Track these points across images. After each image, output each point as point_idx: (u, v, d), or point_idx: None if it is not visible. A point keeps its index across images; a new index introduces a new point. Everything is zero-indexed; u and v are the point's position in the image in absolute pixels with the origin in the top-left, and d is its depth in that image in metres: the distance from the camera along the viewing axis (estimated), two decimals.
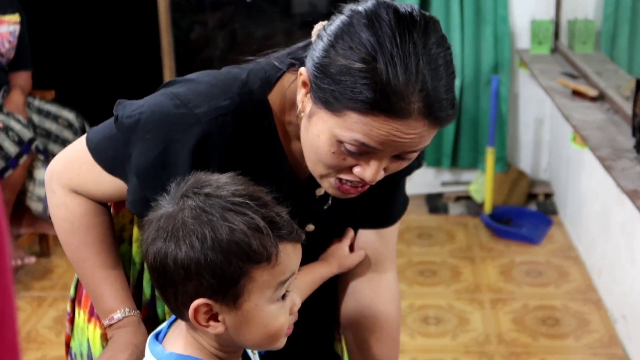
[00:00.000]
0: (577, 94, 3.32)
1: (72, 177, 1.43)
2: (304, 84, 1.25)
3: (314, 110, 1.23)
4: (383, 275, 1.57)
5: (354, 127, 1.17)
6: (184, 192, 1.13)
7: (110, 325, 1.47)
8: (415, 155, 1.24)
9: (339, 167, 1.24)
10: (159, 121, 1.29)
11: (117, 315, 1.46)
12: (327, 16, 1.27)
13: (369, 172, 1.23)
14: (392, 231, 1.55)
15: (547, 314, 3.33)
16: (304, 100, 1.26)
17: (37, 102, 3.74)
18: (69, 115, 3.75)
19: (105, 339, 1.51)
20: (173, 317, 1.22)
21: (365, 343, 1.56)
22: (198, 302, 1.10)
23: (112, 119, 1.38)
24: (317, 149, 1.24)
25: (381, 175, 1.25)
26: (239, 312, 1.11)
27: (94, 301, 1.50)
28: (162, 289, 1.15)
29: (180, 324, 1.20)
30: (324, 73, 1.19)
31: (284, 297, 1.14)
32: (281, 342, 1.18)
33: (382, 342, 1.56)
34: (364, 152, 1.21)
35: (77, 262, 1.48)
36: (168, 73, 4.66)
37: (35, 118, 3.69)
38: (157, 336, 1.22)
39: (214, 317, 1.12)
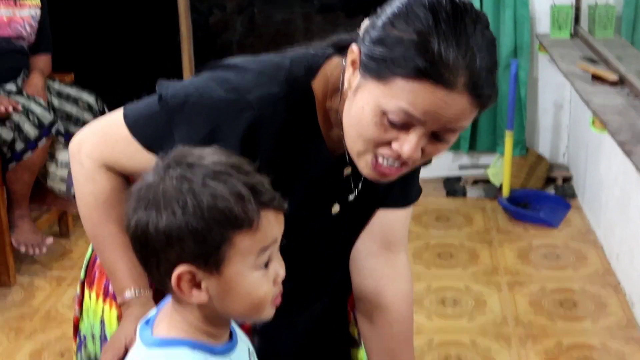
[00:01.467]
0: (597, 78, 3.30)
1: (105, 150, 1.42)
2: (353, 62, 1.26)
3: (361, 83, 1.24)
4: (398, 255, 1.57)
5: (399, 94, 1.19)
6: (166, 164, 1.14)
7: (122, 304, 1.49)
8: (454, 137, 1.25)
9: (379, 140, 1.25)
10: (209, 105, 1.30)
11: (128, 294, 1.48)
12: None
13: (407, 146, 1.23)
14: (405, 213, 1.57)
15: (565, 296, 3.33)
16: (350, 79, 1.27)
17: (57, 85, 3.76)
18: (89, 98, 3.77)
19: (121, 319, 1.52)
20: (162, 302, 1.22)
21: (382, 324, 1.56)
22: (181, 269, 1.11)
23: (152, 98, 1.38)
24: (359, 121, 1.25)
25: (418, 154, 1.25)
26: (221, 280, 1.11)
27: (110, 277, 1.51)
28: (145, 259, 1.15)
29: (167, 308, 1.20)
30: (378, 43, 1.21)
31: (267, 266, 1.14)
32: (267, 313, 1.17)
33: (399, 322, 1.56)
34: (405, 124, 1.22)
35: (96, 237, 1.49)
36: (187, 57, 4.67)
37: (55, 101, 3.70)
38: (147, 322, 1.22)
39: (197, 286, 1.12)
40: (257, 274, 1.13)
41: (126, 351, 1.35)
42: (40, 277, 3.64)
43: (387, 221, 1.55)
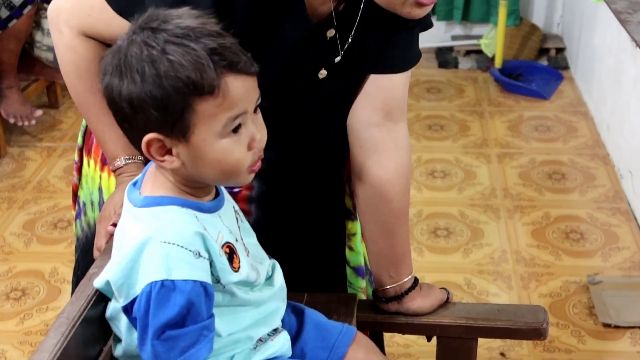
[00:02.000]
0: None
1: (81, 17, 1.39)
2: None
3: None
4: (398, 124, 1.54)
5: None
6: (133, 29, 1.11)
7: (114, 171, 1.50)
8: None
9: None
10: None
11: (118, 162, 1.49)
12: None
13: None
14: (404, 79, 1.53)
15: (554, 168, 3.35)
16: None
17: None
18: None
19: None
20: (149, 164, 1.22)
21: (380, 198, 1.55)
22: (148, 136, 1.10)
23: None
24: None
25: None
26: (190, 147, 1.11)
27: (100, 145, 1.51)
28: (119, 123, 1.14)
29: (152, 169, 1.20)
30: None
31: (236, 131, 1.12)
32: (243, 178, 1.16)
33: (398, 196, 1.55)
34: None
35: (82, 106, 1.48)
36: None
37: None
38: (135, 184, 1.22)
39: (169, 152, 1.12)
40: (225, 141, 1.11)
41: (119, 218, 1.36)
42: (30, 148, 3.63)
43: (387, 87, 1.51)
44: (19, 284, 2.73)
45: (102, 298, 1.24)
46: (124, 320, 1.20)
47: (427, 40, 4.45)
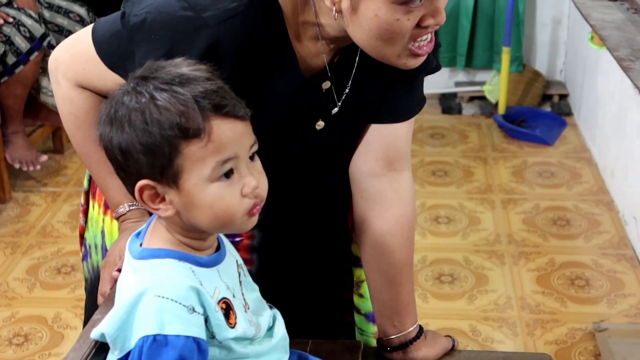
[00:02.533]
0: None
1: (77, 70, 1.41)
2: None
3: (355, 0, 1.23)
4: (401, 174, 1.53)
5: None
6: (130, 78, 1.13)
7: (117, 218, 1.51)
8: None
9: (411, 30, 1.24)
10: (165, 23, 1.27)
11: (121, 209, 1.50)
12: None
13: (440, 15, 1.24)
14: (407, 128, 1.52)
15: (558, 214, 3.35)
16: (334, 2, 1.25)
17: None
18: (80, 10, 3.71)
19: None
20: (153, 215, 1.22)
21: (383, 249, 1.53)
22: (140, 183, 1.11)
23: (119, 14, 1.35)
24: (382, 29, 1.23)
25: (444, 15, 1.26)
26: (181, 193, 1.11)
27: (103, 193, 1.52)
28: (116, 171, 1.15)
29: (154, 220, 1.20)
30: None
31: (228, 176, 1.11)
32: (241, 224, 1.15)
33: (401, 247, 1.53)
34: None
35: (83, 155, 1.50)
36: None
37: (46, 13, 3.65)
38: (138, 235, 1.22)
39: (162, 200, 1.13)
40: (216, 186, 1.11)
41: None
42: (35, 193, 3.64)
43: (389, 137, 1.50)
44: (21, 329, 2.72)
45: (105, 345, 1.23)
46: None
47: (431, 86, 4.47)
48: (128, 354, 1.12)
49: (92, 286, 1.67)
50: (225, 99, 1.11)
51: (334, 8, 1.26)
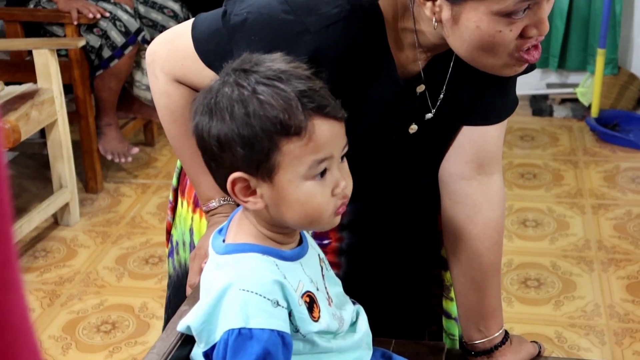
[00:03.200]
0: None
1: (175, 65, 1.41)
2: None
3: (457, 11, 1.20)
4: (491, 177, 1.50)
5: None
6: (227, 70, 1.14)
7: (207, 212, 1.52)
8: None
9: (512, 39, 1.22)
10: (267, 25, 1.27)
11: (213, 203, 1.50)
12: None
13: (544, 25, 1.22)
14: (499, 131, 1.49)
15: None
16: (435, 11, 1.23)
17: None
18: (174, 5, 3.77)
19: None
20: (235, 211, 1.23)
21: (470, 253, 1.51)
22: (234, 175, 1.11)
23: (220, 12, 1.35)
24: (483, 40, 1.21)
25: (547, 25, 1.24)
26: (274, 188, 1.11)
27: (194, 187, 1.54)
28: (207, 163, 1.16)
29: (237, 215, 1.21)
30: None
31: (323, 176, 1.12)
32: (328, 223, 1.16)
33: (488, 251, 1.51)
34: (528, 7, 1.19)
35: (178, 149, 1.51)
36: None
37: (141, 8, 3.72)
38: (220, 231, 1.23)
39: (253, 193, 1.13)
40: (310, 184, 1.11)
41: None
42: (125, 184, 3.72)
43: (480, 139, 1.48)
44: (109, 317, 2.78)
45: (191, 337, 1.25)
46: None
47: (522, 87, 4.39)
48: (213, 347, 1.13)
49: (177, 282, 1.69)
50: (327, 99, 1.11)
51: (434, 17, 1.24)
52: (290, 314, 1.14)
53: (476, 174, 1.49)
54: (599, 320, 2.67)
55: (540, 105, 4.35)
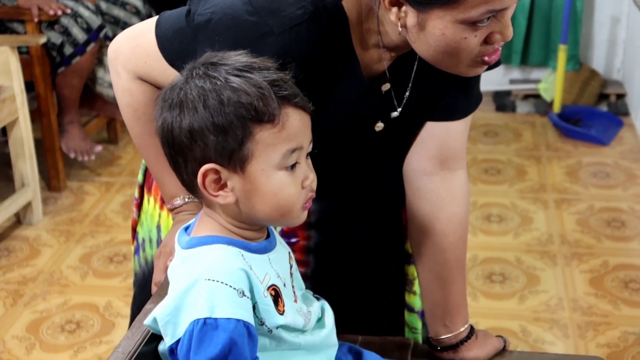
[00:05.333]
0: None
1: (138, 63, 1.40)
2: (391, 2, 1.22)
3: (422, 18, 1.20)
4: (455, 173, 1.52)
5: (475, 2, 1.16)
6: (191, 66, 1.14)
7: (172, 210, 1.51)
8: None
9: (477, 45, 1.22)
10: (230, 26, 1.26)
11: (178, 201, 1.50)
12: None
13: (508, 30, 1.23)
14: (462, 127, 1.50)
15: (613, 216, 3.29)
16: (400, 17, 1.23)
17: None
18: (136, 2, 3.75)
19: None
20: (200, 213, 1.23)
21: (435, 249, 1.53)
22: (206, 166, 1.11)
23: (184, 10, 1.34)
24: (449, 46, 1.21)
25: (511, 31, 1.24)
26: (246, 179, 1.12)
27: (158, 185, 1.53)
28: (174, 160, 1.15)
29: (201, 213, 1.21)
30: None
31: (293, 168, 1.13)
32: (296, 217, 1.17)
33: (453, 247, 1.52)
34: (493, 15, 1.19)
35: (141, 147, 1.50)
36: None
37: (103, 5, 3.69)
38: (186, 229, 1.23)
39: (223, 186, 1.13)
40: (282, 174, 1.12)
41: None
42: (89, 182, 3.69)
43: (444, 135, 1.49)
44: (73, 316, 2.76)
45: (156, 335, 1.24)
46: None
47: (485, 83, 4.41)
48: (179, 341, 1.12)
49: (143, 280, 1.67)
50: (296, 90, 1.13)
51: (399, 23, 1.24)
52: (255, 307, 1.13)
53: (439, 169, 1.50)
54: (562, 314, 2.70)
55: (503, 101, 4.39)
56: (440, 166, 1.50)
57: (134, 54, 1.40)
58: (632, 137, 3.98)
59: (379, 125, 1.43)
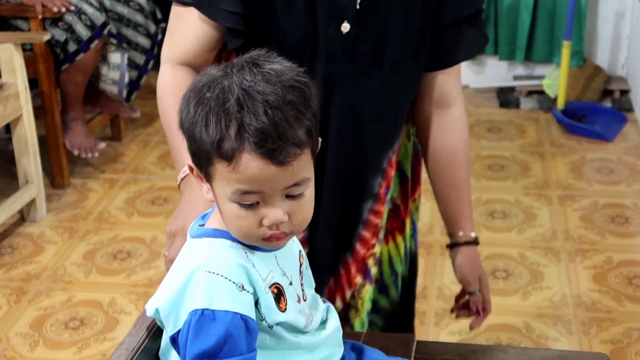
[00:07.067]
0: None
1: (172, 44, 1.49)
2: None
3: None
4: (448, 110, 1.63)
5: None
6: (238, 60, 1.14)
7: (182, 180, 1.47)
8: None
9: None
10: None
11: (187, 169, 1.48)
12: None
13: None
14: (455, 70, 1.61)
15: (617, 212, 3.29)
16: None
17: None
18: None
19: None
20: None
21: (431, 172, 1.71)
22: (190, 162, 1.16)
23: None
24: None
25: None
26: (214, 191, 1.14)
27: (174, 162, 1.52)
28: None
29: None
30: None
31: (251, 206, 1.10)
32: (261, 244, 1.15)
33: (454, 173, 1.70)
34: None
35: (166, 124, 1.50)
36: None
37: (107, 2, 3.69)
38: (204, 217, 1.24)
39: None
40: (234, 207, 1.11)
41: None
42: (92, 179, 3.69)
43: (436, 84, 1.60)
44: (77, 313, 2.76)
45: (161, 331, 1.24)
46: (173, 355, 1.20)
47: (489, 79, 4.44)
48: (180, 331, 1.13)
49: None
50: (272, 139, 1.06)
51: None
52: (257, 302, 1.14)
53: (434, 109, 1.64)
54: (566, 310, 2.70)
55: (507, 97, 4.38)
56: (434, 105, 1.63)
57: (168, 37, 1.51)
58: (636, 133, 3.97)
59: (346, 26, 1.45)
